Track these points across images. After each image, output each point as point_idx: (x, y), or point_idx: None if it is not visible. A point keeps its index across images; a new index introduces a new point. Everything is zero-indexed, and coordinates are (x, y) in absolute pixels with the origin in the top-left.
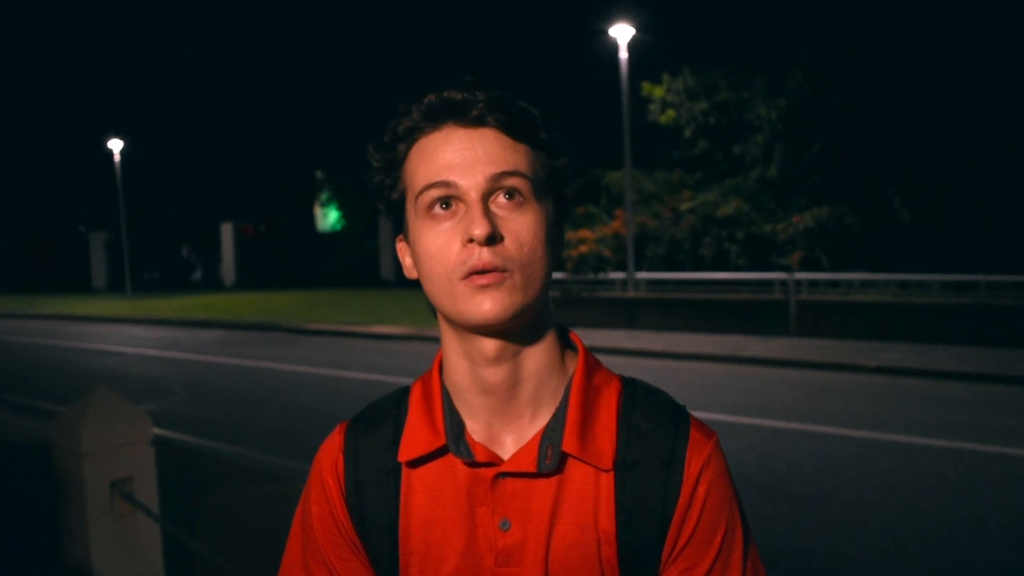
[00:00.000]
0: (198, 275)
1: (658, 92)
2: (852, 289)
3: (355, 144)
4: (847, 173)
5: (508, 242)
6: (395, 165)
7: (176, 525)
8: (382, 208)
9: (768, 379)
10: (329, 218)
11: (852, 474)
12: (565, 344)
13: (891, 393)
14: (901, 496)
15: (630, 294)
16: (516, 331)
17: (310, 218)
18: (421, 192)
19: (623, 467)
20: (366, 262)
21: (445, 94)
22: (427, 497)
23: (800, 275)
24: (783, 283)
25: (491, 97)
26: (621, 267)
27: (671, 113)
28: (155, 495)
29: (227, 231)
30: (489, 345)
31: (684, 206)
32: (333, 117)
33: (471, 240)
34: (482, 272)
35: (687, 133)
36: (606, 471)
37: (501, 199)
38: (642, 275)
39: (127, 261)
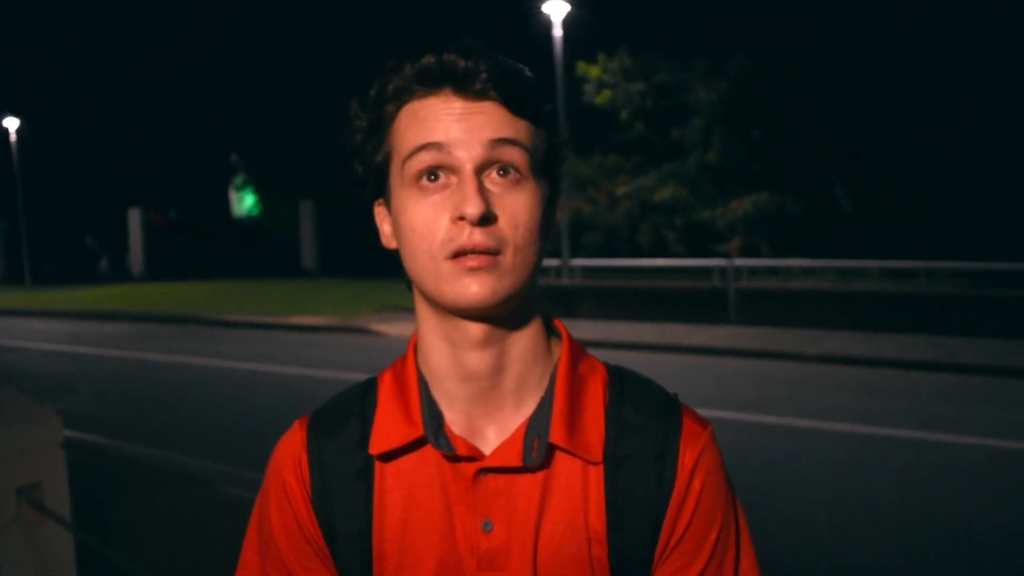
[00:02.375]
0: (104, 265)
1: (594, 72)
2: (792, 276)
3: (272, 125)
4: (788, 159)
5: (502, 222)
6: (381, 126)
7: (90, 534)
8: (360, 171)
9: (709, 368)
10: (245, 203)
11: (797, 465)
12: (549, 331)
13: (833, 381)
14: (849, 486)
15: (565, 282)
16: (504, 315)
17: (224, 204)
18: (410, 156)
19: (613, 461)
20: (285, 250)
21: (446, 58)
22: (402, 496)
23: (740, 262)
24: (722, 270)
25: (495, 67)
26: (555, 254)
27: (607, 94)
28: (67, 502)
29: (134, 217)
30: (475, 328)
31: (620, 191)
32: (248, 96)
33: (462, 218)
34: (472, 253)
35: (623, 115)
36: (595, 464)
37: (496, 174)
38: (578, 262)
39: (25, 251)
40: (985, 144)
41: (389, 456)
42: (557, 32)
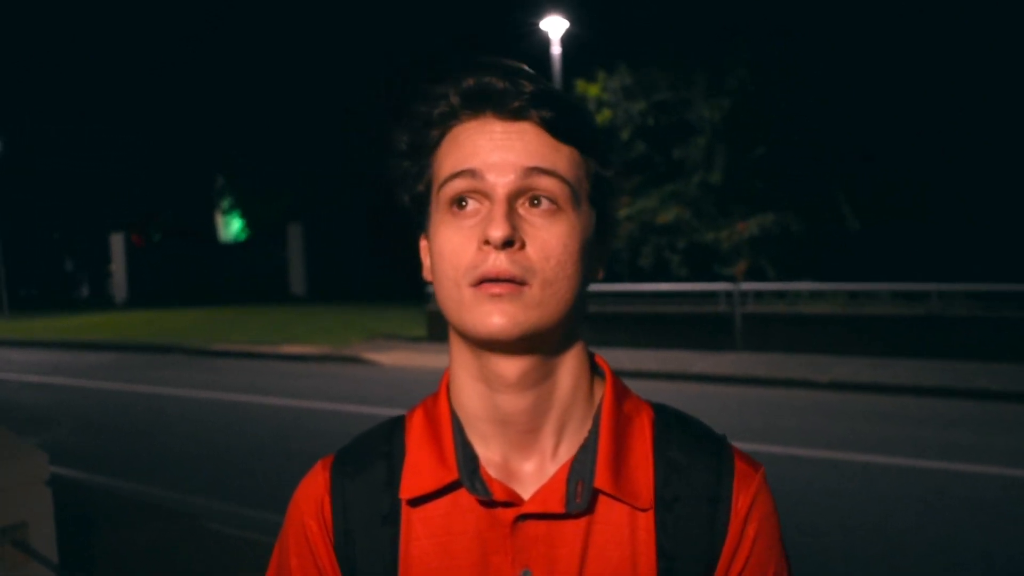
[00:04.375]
0: (85, 291)
1: (593, 91)
2: (799, 300)
3: (260, 147)
4: (794, 178)
5: (532, 250)
6: (425, 152)
7: (74, 571)
8: (406, 201)
9: (716, 397)
10: (231, 227)
11: (810, 497)
12: (591, 368)
13: (845, 409)
14: (864, 519)
15: None
16: (541, 353)
17: (210, 227)
18: (444, 183)
19: (663, 505)
20: (273, 275)
21: (486, 80)
22: (431, 544)
23: (746, 286)
24: (728, 294)
25: (539, 90)
26: None
27: (607, 113)
28: (53, 542)
29: (117, 242)
30: (509, 367)
31: (621, 213)
32: (235, 118)
33: (487, 242)
34: (495, 280)
35: (624, 135)
36: (644, 510)
37: (532, 202)
38: None
39: (2, 276)
40: (1004, 158)
41: (420, 501)
42: (555, 50)
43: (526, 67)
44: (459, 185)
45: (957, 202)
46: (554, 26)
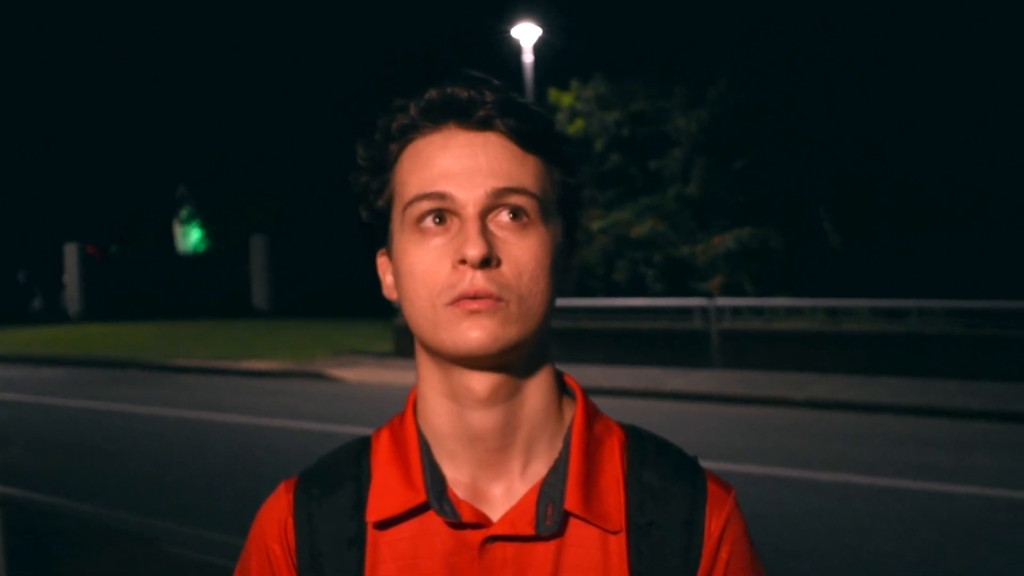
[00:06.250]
0: (37, 304)
1: (566, 100)
2: (777, 316)
3: (222, 155)
4: (773, 192)
5: (506, 267)
6: (384, 167)
7: None
8: (365, 215)
9: (691, 415)
10: (190, 238)
11: (787, 518)
12: (561, 387)
13: (823, 429)
14: (842, 541)
15: None
16: (511, 368)
17: (169, 238)
18: (411, 203)
19: (637, 530)
20: (236, 288)
21: (448, 90)
22: (397, 568)
23: (722, 301)
24: (703, 310)
25: (502, 98)
26: None
27: (580, 123)
28: (3, 567)
29: (71, 253)
30: (480, 383)
31: (595, 226)
32: (196, 124)
33: (463, 261)
34: (473, 298)
35: (598, 146)
36: (614, 533)
37: (503, 217)
38: None
39: None
40: (987, 175)
41: (388, 523)
42: (527, 57)
43: (490, 78)
44: (426, 206)
45: (938, 218)
46: (526, 33)
